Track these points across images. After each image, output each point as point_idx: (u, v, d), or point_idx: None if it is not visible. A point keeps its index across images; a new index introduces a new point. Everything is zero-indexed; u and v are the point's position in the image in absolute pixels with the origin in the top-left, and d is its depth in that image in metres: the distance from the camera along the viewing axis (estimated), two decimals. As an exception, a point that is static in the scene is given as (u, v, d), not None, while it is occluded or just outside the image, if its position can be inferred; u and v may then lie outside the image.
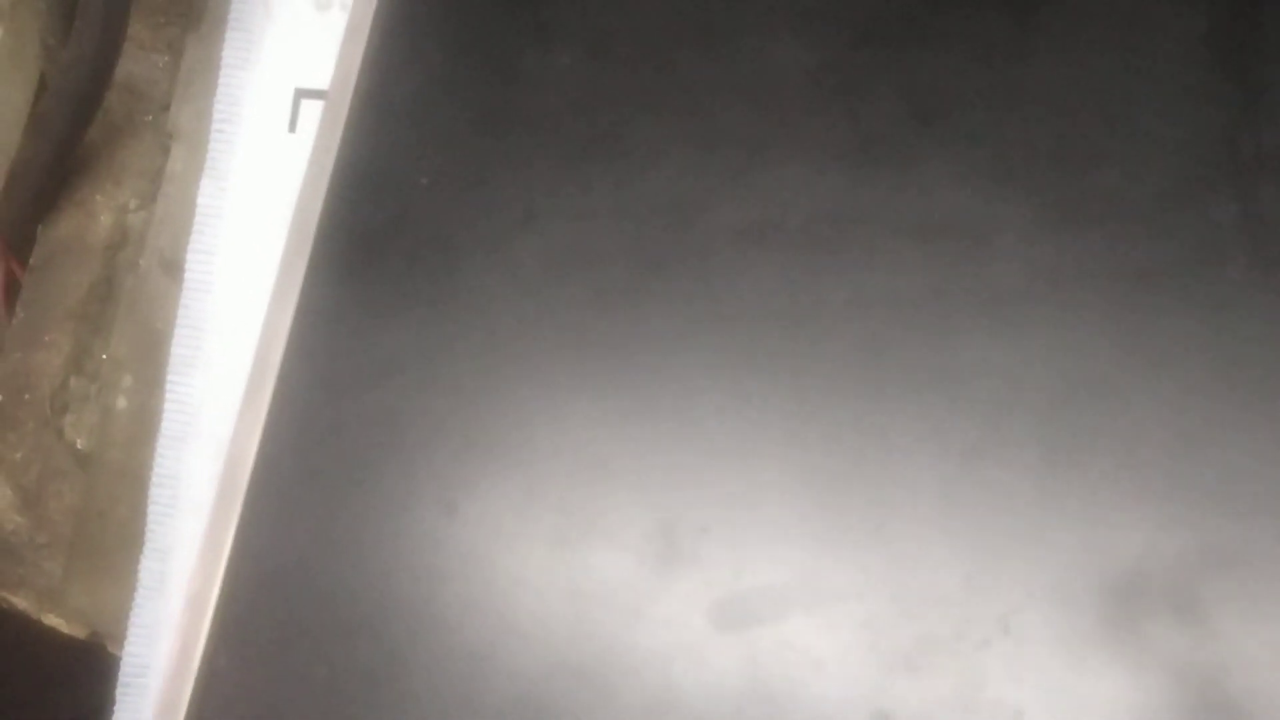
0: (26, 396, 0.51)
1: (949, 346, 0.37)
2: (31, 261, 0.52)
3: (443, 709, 0.37)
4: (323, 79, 0.49)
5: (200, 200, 0.50)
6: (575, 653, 0.36)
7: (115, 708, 0.48)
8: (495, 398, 0.39)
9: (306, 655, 0.38)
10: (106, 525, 0.49)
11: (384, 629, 0.38)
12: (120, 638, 0.48)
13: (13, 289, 0.52)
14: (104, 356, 0.51)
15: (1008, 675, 0.34)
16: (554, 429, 0.39)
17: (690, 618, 0.36)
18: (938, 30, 0.40)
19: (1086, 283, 0.37)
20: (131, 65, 0.53)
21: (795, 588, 0.36)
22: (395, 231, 0.42)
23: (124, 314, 0.51)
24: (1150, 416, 0.36)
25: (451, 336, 0.40)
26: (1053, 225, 0.38)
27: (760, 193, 0.40)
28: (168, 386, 0.49)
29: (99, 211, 0.52)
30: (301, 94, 0.50)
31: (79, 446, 0.51)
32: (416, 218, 0.42)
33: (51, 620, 0.50)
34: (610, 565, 0.37)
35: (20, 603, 0.51)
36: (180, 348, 0.49)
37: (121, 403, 0.50)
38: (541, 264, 0.41)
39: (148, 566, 0.48)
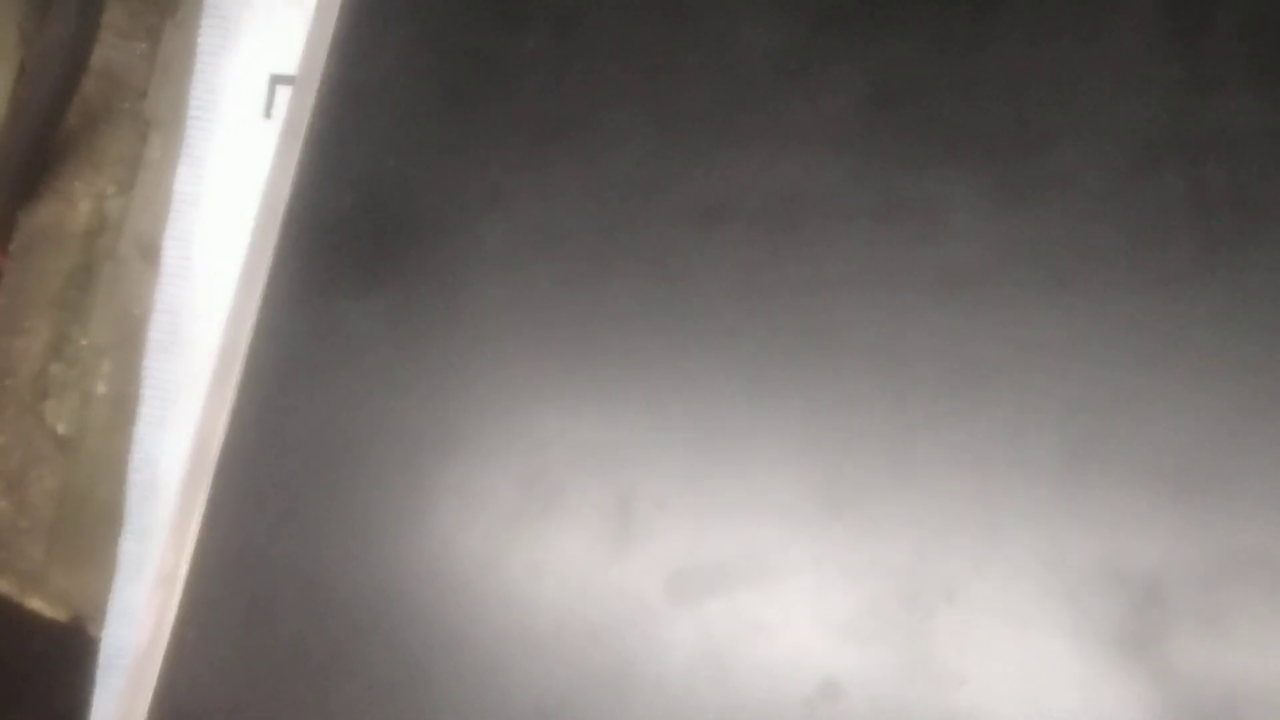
0: (7, 382, 0.51)
1: (903, 324, 0.37)
2: (11, 248, 0.52)
3: (406, 679, 0.37)
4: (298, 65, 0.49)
5: (177, 186, 0.50)
6: (532, 624, 0.37)
7: (96, 689, 0.48)
8: (459, 376, 0.40)
9: (274, 631, 0.38)
10: (87, 509, 0.50)
11: (349, 603, 0.38)
12: (101, 620, 0.49)
13: (-8, 275, 0.53)
14: (83, 342, 0.51)
15: (953, 645, 0.34)
16: (516, 406, 0.39)
17: (645, 590, 0.36)
18: (896, 12, 0.40)
19: (1037, 261, 0.37)
20: (109, 52, 0.53)
21: (749, 560, 0.36)
22: (362, 213, 0.42)
23: (103, 300, 0.51)
24: (1098, 390, 0.36)
25: (417, 316, 0.41)
26: (1006, 205, 0.38)
27: (721, 173, 0.40)
28: (146, 371, 0.49)
29: (78, 198, 0.53)
30: (277, 80, 0.50)
31: (59, 431, 0.51)
32: (383, 199, 0.42)
33: (34, 604, 0.51)
34: (568, 539, 0.37)
35: (2, 586, 0.51)
36: (158, 333, 0.49)
37: (101, 388, 0.51)
38: (506, 244, 0.41)
39: (127, 549, 0.48)
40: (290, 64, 0.50)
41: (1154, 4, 0.38)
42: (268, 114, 0.50)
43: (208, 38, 0.52)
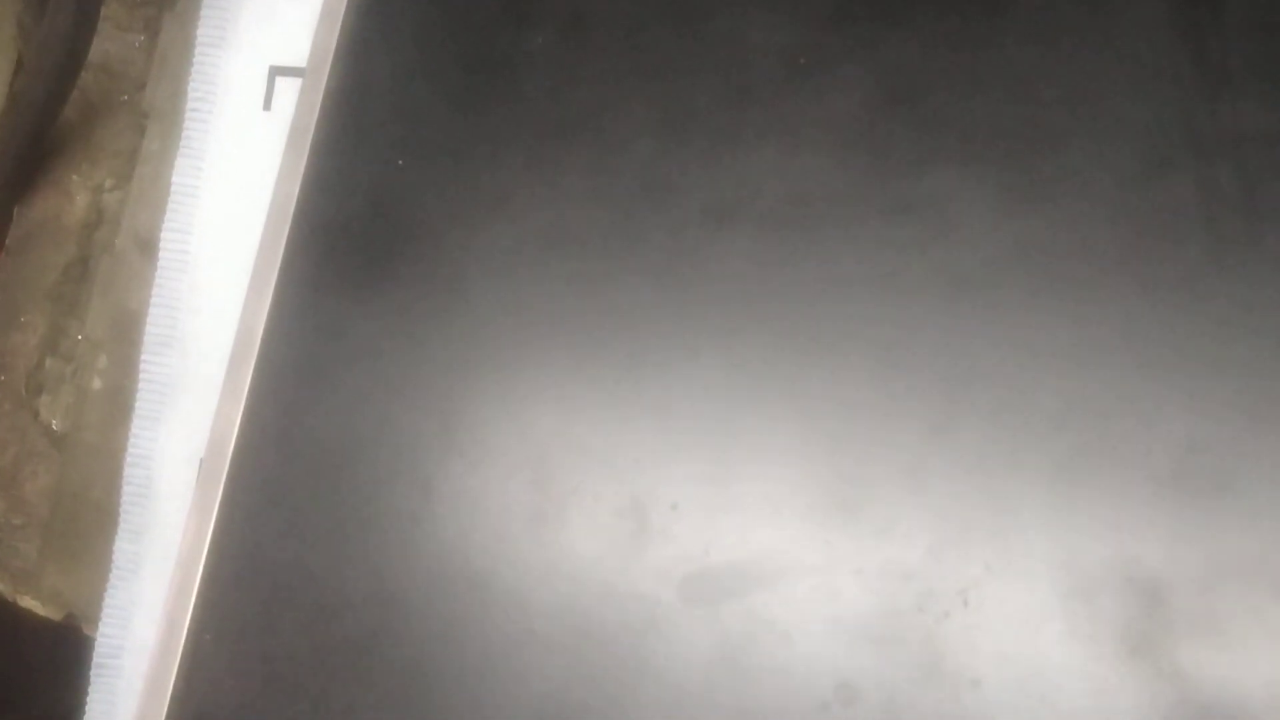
0: (2, 378, 0.51)
1: (914, 325, 0.37)
2: (7, 242, 0.52)
3: (422, 680, 0.37)
4: (297, 57, 0.49)
5: (175, 179, 0.50)
6: (545, 626, 0.36)
7: (90, 688, 0.47)
8: (471, 378, 0.40)
9: (288, 632, 0.38)
10: (82, 506, 0.49)
11: (363, 604, 0.38)
12: (95, 619, 0.48)
13: (-12, 270, 0.52)
14: (79, 337, 0.51)
15: (965, 646, 0.34)
16: (529, 408, 0.39)
17: (661, 592, 0.36)
18: (905, 14, 0.40)
19: (1046, 263, 0.37)
20: (108, 45, 0.53)
21: (763, 562, 0.36)
22: (372, 214, 0.42)
23: (99, 294, 0.51)
24: (1108, 390, 0.36)
25: (428, 317, 0.41)
26: (1017, 205, 0.38)
27: (732, 174, 0.40)
28: (142, 366, 0.48)
29: (75, 191, 0.52)
30: (276, 72, 0.50)
31: (54, 427, 0.50)
32: (393, 200, 0.42)
33: (27, 602, 0.50)
34: (583, 541, 0.37)
35: (-4, 584, 0.50)
36: (155, 327, 0.49)
37: (97, 383, 0.50)
38: (517, 245, 0.41)
39: (122, 548, 0.48)
40: (289, 56, 0.50)
41: (1164, 6, 0.38)
42: (267, 106, 0.50)
43: (206, 30, 0.51)
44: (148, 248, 0.50)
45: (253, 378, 0.41)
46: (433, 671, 0.37)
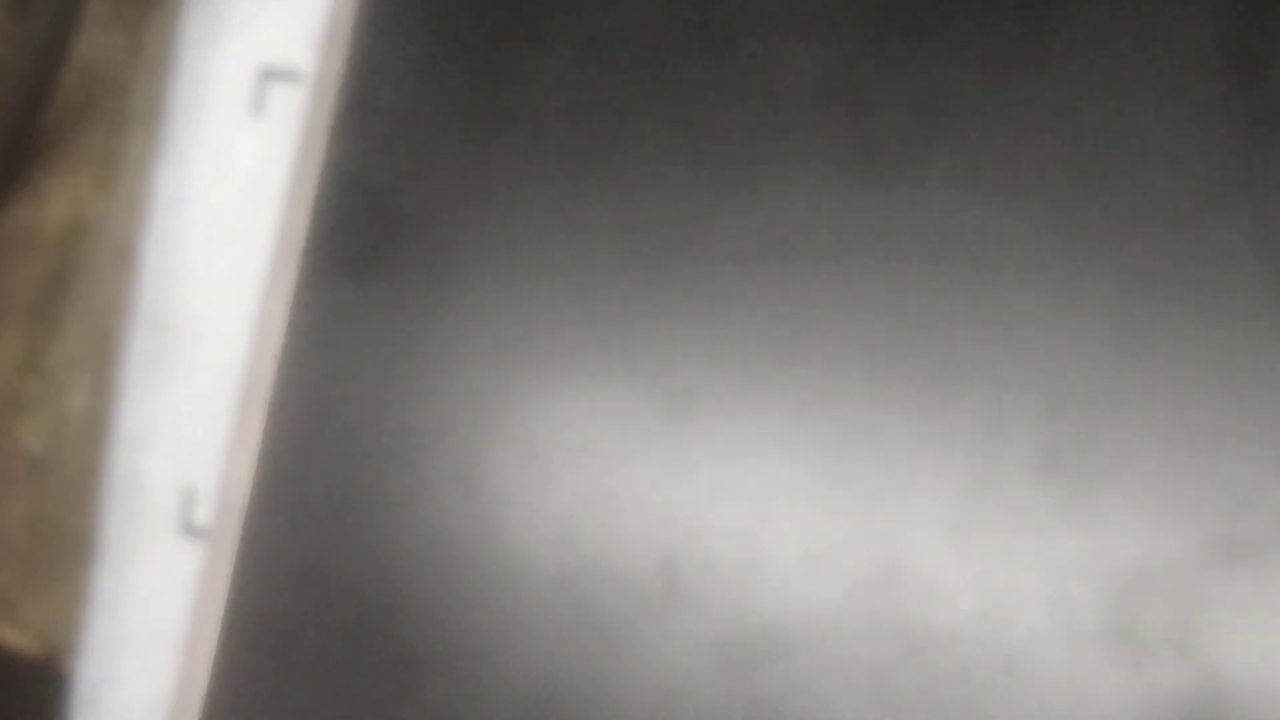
0: (-22, 397, 0.49)
1: (956, 360, 0.36)
2: (-15, 253, 0.50)
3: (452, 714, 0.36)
4: (286, 60, 0.48)
5: (159, 187, 0.48)
6: (570, 695, 0.36)
7: (70, 727, 0.46)
8: (491, 413, 0.39)
9: (316, 661, 0.38)
10: (61, 534, 0.48)
11: (392, 634, 0.37)
12: (76, 650, 0.46)
13: (-36, 283, 0.51)
14: (59, 355, 0.49)
15: (1014, 713, 0.33)
16: (551, 448, 0.38)
17: (695, 656, 0.35)
18: (944, 39, 0.39)
19: (1094, 297, 0.36)
20: (89, 46, 0.52)
21: (800, 626, 0.35)
22: (387, 242, 0.41)
23: (79, 309, 0.49)
24: (1159, 428, 0.35)
25: (447, 349, 0.40)
26: (1060, 238, 0.37)
27: (761, 203, 0.39)
28: (125, 386, 0.47)
29: (54, 200, 0.51)
30: (266, 74, 0.48)
31: (33, 451, 0.49)
32: (409, 228, 0.41)
33: (5, 632, 0.49)
34: (613, 600, 0.36)
35: (-28, 616, 0.49)
36: (138, 344, 0.47)
37: (77, 403, 0.49)
38: (538, 276, 0.40)
39: (103, 581, 0.46)
40: (279, 59, 0.48)
41: (1214, 38, 0.37)
42: (255, 110, 0.48)
43: (193, 30, 0.50)
44: (129, 259, 0.49)
45: (267, 410, 0.40)
46: (461, 704, 0.36)
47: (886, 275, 0.37)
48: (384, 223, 0.41)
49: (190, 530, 0.45)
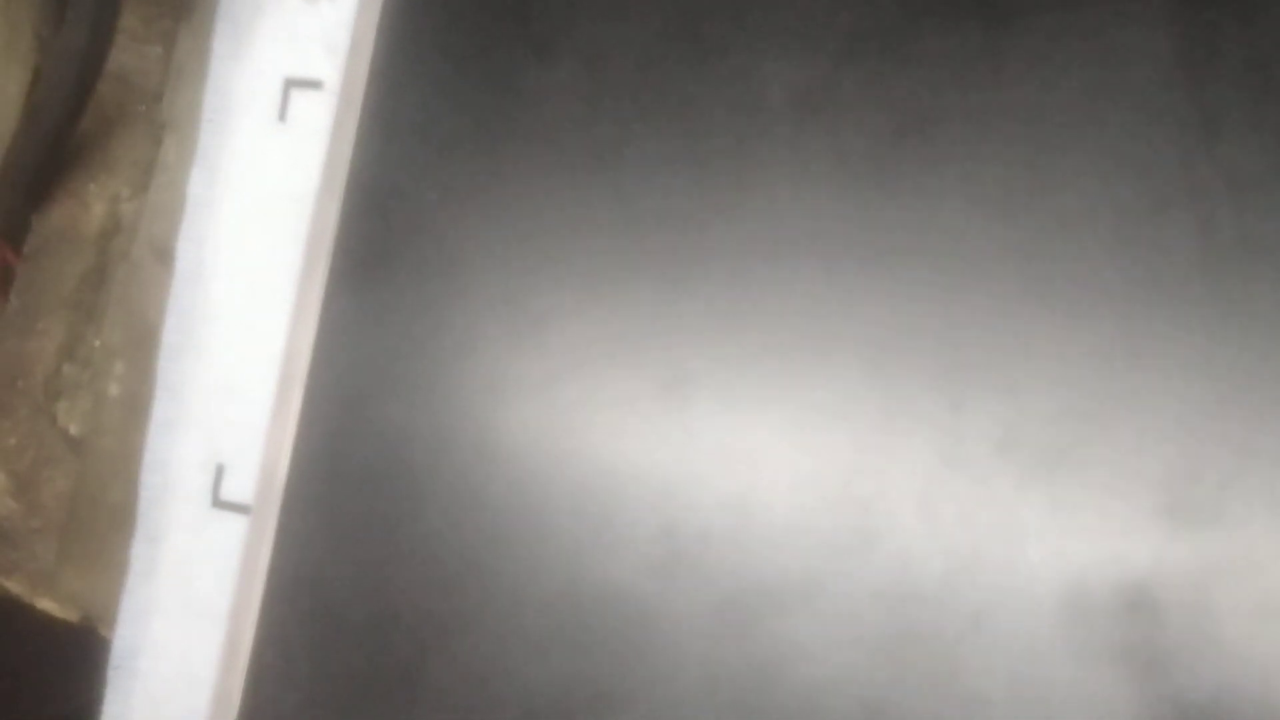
0: (20, 383, 0.51)
1: (922, 347, 0.39)
2: (25, 250, 0.53)
3: (467, 706, 0.39)
4: (311, 69, 0.49)
5: (191, 189, 0.50)
6: (583, 657, 0.38)
7: (106, 690, 0.48)
8: (505, 410, 0.41)
9: (348, 652, 0.40)
10: (98, 510, 0.50)
11: (415, 628, 0.40)
12: (112, 621, 0.49)
13: (7, 277, 0.53)
14: (96, 344, 0.52)
15: (981, 669, 0.35)
16: (562, 438, 0.40)
17: (693, 618, 0.38)
18: (913, 50, 0.41)
19: (1050, 291, 0.38)
20: (124, 56, 0.54)
21: (793, 588, 0.37)
22: (408, 246, 0.44)
23: (116, 302, 0.51)
24: (1109, 429, 0.37)
25: (461, 337, 0.42)
26: (1019, 237, 0.39)
27: (750, 203, 0.41)
28: (159, 373, 0.49)
29: (92, 201, 0.53)
30: (291, 84, 0.51)
31: (71, 433, 0.51)
32: (428, 233, 0.44)
33: (44, 604, 0.51)
34: (617, 568, 0.39)
35: (13, 587, 0.51)
36: (171, 335, 0.49)
37: (114, 389, 0.51)
38: (543, 269, 0.42)
39: (138, 552, 0.48)
40: (304, 69, 0.51)
41: (1165, 45, 0.39)
42: (282, 117, 0.50)
43: (221, 42, 0.52)
44: (164, 256, 0.51)
45: (300, 410, 0.43)
46: (475, 697, 0.39)
47: (864, 269, 0.40)
48: (403, 220, 0.43)
49: (220, 504, 0.47)
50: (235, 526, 0.46)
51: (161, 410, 0.49)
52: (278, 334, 0.47)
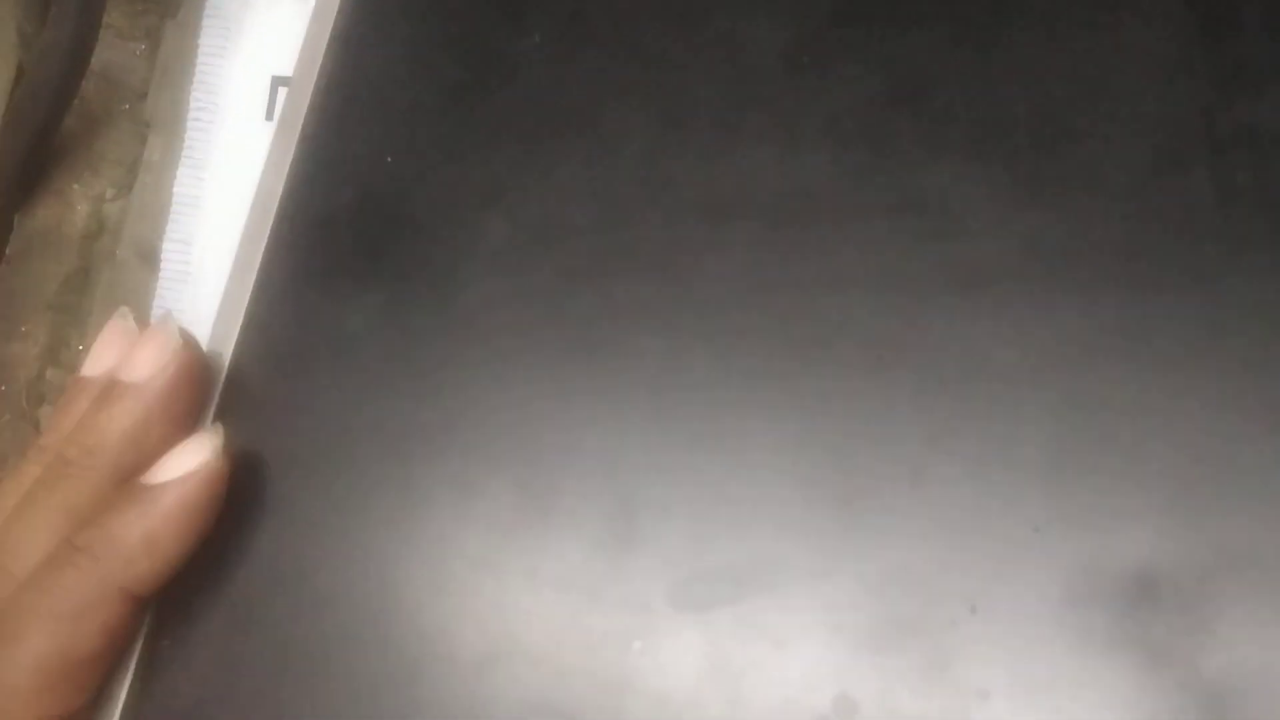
0: (2, 388, 0.50)
1: (920, 323, 0.37)
2: (7, 251, 0.52)
3: (396, 682, 0.36)
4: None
5: (177, 189, 0.50)
6: (529, 632, 0.36)
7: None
8: (455, 374, 0.39)
9: (258, 636, 0.37)
10: (83, 517, 0.49)
11: (337, 606, 0.37)
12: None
13: (-11, 279, 0.52)
14: (80, 348, 0.51)
15: (971, 655, 0.33)
16: (517, 406, 0.38)
17: (650, 598, 0.35)
18: (912, 7, 0.40)
19: (1060, 259, 0.36)
20: (109, 54, 0.53)
21: (759, 568, 0.35)
22: (358, 209, 0.41)
23: (101, 304, 0.50)
24: (1120, 389, 0.35)
25: (413, 313, 0.40)
26: (1025, 201, 0.37)
27: (729, 170, 0.39)
28: (144, 377, 0.48)
29: (76, 201, 0.52)
30: (279, 82, 0.50)
31: (55, 438, 0.50)
32: (380, 196, 0.41)
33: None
34: (570, 546, 0.36)
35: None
36: (157, 338, 0.48)
37: (98, 394, 0.50)
38: (508, 241, 0.40)
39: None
40: (292, 66, 0.49)
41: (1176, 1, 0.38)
42: (270, 116, 0.50)
43: (208, 39, 0.51)
44: (149, 258, 0.50)
45: (225, 379, 0.40)
46: (405, 674, 0.36)
47: (853, 232, 0.38)
48: (357, 191, 0.41)
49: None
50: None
51: (147, 415, 0.48)
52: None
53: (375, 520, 0.38)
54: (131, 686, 0.37)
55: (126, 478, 0.37)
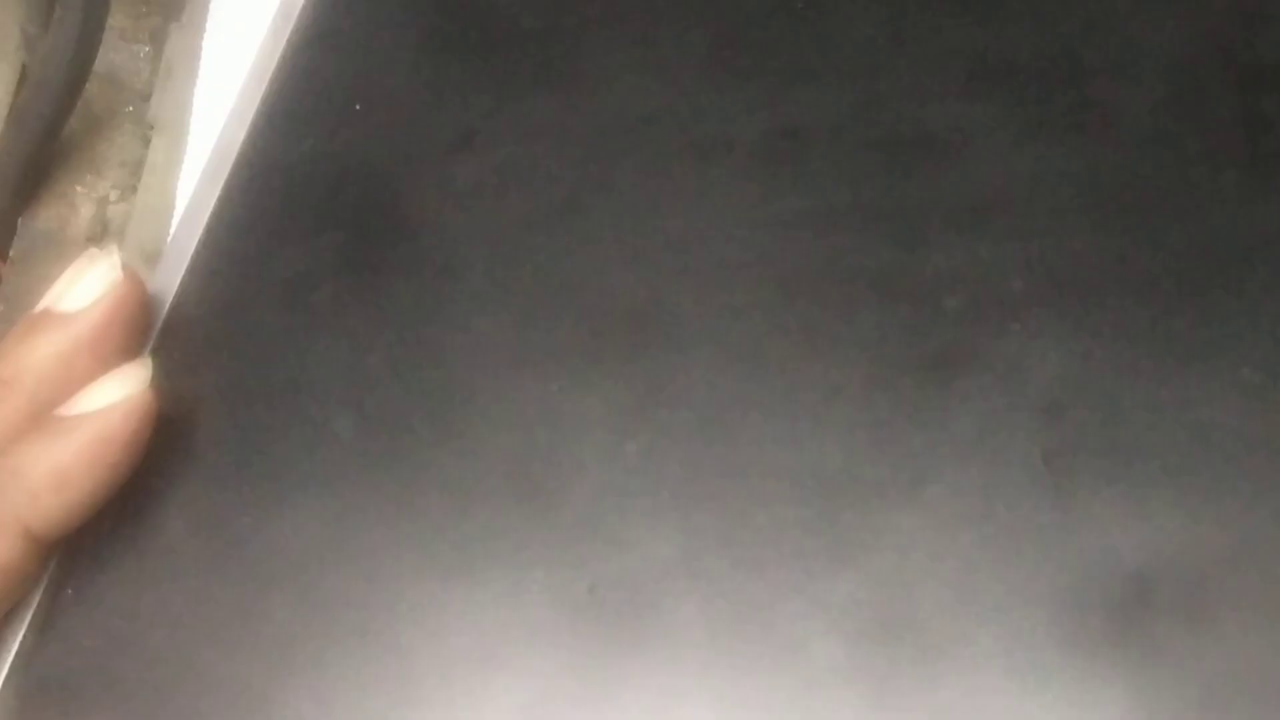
0: (7, 390, 0.51)
1: (919, 258, 0.35)
2: (11, 254, 0.52)
3: (315, 638, 0.33)
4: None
5: (181, 191, 0.50)
6: (473, 613, 0.33)
7: None
8: (414, 317, 0.37)
9: (171, 593, 0.34)
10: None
11: (264, 563, 0.34)
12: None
13: (-7, 281, 0.52)
14: (84, 349, 0.51)
15: (973, 656, 0.33)
16: (479, 352, 0.36)
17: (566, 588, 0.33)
18: None
19: (1068, 190, 0.35)
20: (112, 55, 0.53)
21: (756, 549, 0.34)
22: (320, 155, 0.39)
23: (104, 306, 0.50)
24: (1140, 326, 0.33)
25: (369, 253, 0.38)
26: (1034, 136, 0.35)
27: (716, 108, 0.37)
28: (148, 380, 0.48)
29: (79, 203, 0.52)
30: (282, 83, 0.50)
31: (59, 440, 0.50)
32: (345, 141, 0.40)
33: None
34: (527, 511, 0.34)
35: None
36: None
37: (102, 396, 0.50)
38: (478, 184, 0.38)
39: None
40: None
41: None
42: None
43: (212, 40, 0.51)
44: (153, 260, 0.50)
45: (163, 321, 0.39)
46: (324, 633, 0.33)
47: (844, 173, 0.36)
48: (320, 138, 0.40)
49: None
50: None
51: (151, 418, 0.48)
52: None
53: (310, 472, 0.35)
54: (25, 637, 0.34)
55: (44, 411, 0.33)
